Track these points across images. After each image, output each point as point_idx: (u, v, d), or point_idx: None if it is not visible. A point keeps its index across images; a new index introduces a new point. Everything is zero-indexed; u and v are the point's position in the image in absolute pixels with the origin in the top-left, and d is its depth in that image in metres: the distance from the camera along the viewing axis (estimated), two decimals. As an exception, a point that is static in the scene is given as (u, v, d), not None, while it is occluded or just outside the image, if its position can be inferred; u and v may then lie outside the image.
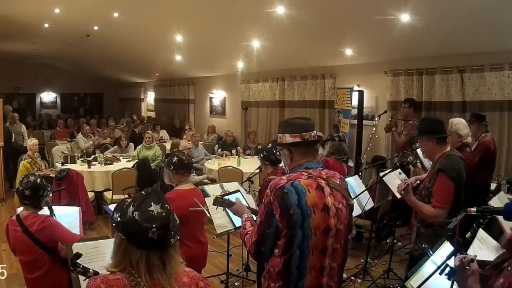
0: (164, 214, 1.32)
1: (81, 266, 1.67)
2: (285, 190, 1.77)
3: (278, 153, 2.10)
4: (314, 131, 1.93)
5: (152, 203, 1.33)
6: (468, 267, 1.34)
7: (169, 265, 1.33)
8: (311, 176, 1.84)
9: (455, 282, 1.37)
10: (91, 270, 1.67)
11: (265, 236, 1.82)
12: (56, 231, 2.56)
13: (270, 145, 3.58)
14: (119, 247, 1.33)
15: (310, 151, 1.93)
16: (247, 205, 2.50)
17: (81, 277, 1.79)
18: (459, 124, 3.47)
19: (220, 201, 2.22)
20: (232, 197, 2.35)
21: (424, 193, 2.73)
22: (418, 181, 3.03)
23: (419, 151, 3.56)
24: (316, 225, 1.78)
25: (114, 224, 1.37)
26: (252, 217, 2.14)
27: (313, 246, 1.79)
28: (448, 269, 1.33)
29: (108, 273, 1.34)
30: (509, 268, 1.37)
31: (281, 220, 1.77)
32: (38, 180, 2.65)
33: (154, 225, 1.28)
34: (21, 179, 2.73)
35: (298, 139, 1.88)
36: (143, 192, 1.40)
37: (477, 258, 1.54)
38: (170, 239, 1.33)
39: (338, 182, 1.90)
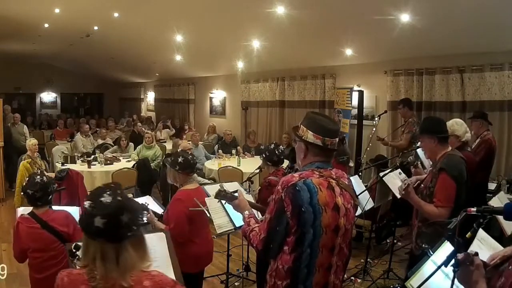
0: (113, 204, 1.29)
1: (78, 256, 1.71)
2: (297, 188, 1.76)
3: (294, 141, 2.06)
4: (336, 139, 1.89)
5: (104, 194, 1.32)
6: (470, 263, 1.33)
7: (123, 259, 1.30)
8: (322, 176, 1.83)
9: (455, 281, 1.37)
10: None
11: (274, 233, 1.81)
12: (77, 228, 2.60)
13: (272, 146, 3.58)
14: (83, 241, 1.37)
15: (326, 155, 1.90)
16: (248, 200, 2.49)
17: None
18: (453, 125, 3.46)
19: (223, 194, 2.20)
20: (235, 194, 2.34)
21: (425, 192, 2.73)
22: (418, 181, 3.03)
23: (419, 151, 3.57)
24: (327, 224, 1.78)
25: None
26: (255, 214, 2.13)
27: (323, 244, 1.80)
28: (453, 260, 1.33)
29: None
30: (510, 267, 1.36)
31: (292, 218, 1.76)
32: (44, 178, 2.71)
33: (99, 214, 1.27)
34: (25, 182, 2.72)
35: (319, 142, 1.85)
36: (101, 185, 1.42)
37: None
38: (122, 232, 1.30)
39: (346, 183, 1.92)
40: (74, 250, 1.73)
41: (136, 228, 1.34)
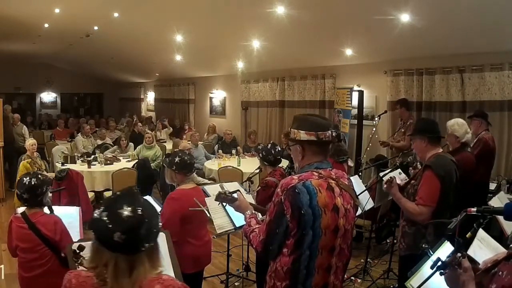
0: (133, 218, 1.26)
1: (83, 258, 1.66)
2: (296, 190, 1.75)
3: (288, 148, 2.07)
4: (329, 131, 1.88)
5: (124, 205, 1.27)
6: (457, 266, 1.32)
7: (136, 271, 1.27)
8: (321, 176, 1.83)
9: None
10: None
11: (274, 235, 1.81)
12: (64, 236, 2.58)
13: (269, 145, 3.57)
14: (93, 245, 1.32)
15: (323, 151, 1.90)
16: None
17: None
18: (454, 125, 3.48)
19: (223, 197, 2.21)
20: (234, 195, 2.34)
21: (410, 191, 2.72)
22: (407, 179, 3.04)
23: (419, 151, 3.57)
24: (326, 225, 1.78)
25: (89, 222, 1.33)
26: (256, 214, 2.13)
27: (322, 246, 1.79)
28: (439, 263, 1.32)
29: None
30: (500, 272, 1.35)
31: (291, 220, 1.75)
32: (33, 180, 2.59)
33: (119, 229, 1.23)
34: (17, 182, 2.72)
35: (313, 137, 1.85)
36: (117, 192, 1.35)
37: (476, 258, 1.53)
38: (140, 245, 1.27)
39: (346, 183, 1.91)
40: (78, 251, 1.67)
41: (154, 238, 1.31)
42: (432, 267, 1.34)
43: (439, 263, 1.32)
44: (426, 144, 2.71)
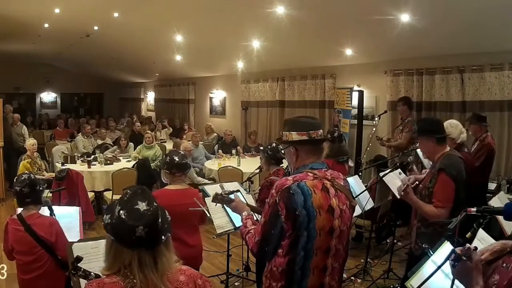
0: (151, 211, 1.29)
1: (82, 269, 1.64)
2: (291, 191, 1.75)
3: (282, 151, 2.09)
4: (321, 130, 1.92)
5: (138, 201, 1.30)
6: (468, 259, 1.31)
7: (160, 263, 1.30)
8: (316, 177, 1.83)
9: (455, 281, 1.35)
10: (92, 273, 1.64)
11: (269, 237, 1.81)
12: (60, 238, 2.58)
13: (274, 144, 3.57)
14: (110, 249, 1.31)
15: (316, 150, 1.92)
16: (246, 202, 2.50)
17: (82, 281, 1.77)
18: (447, 128, 3.45)
19: (220, 198, 2.23)
20: (231, 196, 2.35)
21: (424, 193, 2.73)
22: (417, 182, 3.04)
23: (419, 151, 3.56)
24: (321, 226, 1.78)
25: (103, 226, 1.33)
26: (253, 215, 2.13)
27: (317, 246, 1.79)
28: (453, 255, 1.31)
29: (104, 276, 1.32)
30: (504, 264, 1.34)
31: (286, 221, 1.76)
32: (32, 176, 2.69)
33: (141, 223, 1.25)
34: (14, 180, 2.72)
35: (305, 137, 1.87)
36: (128, 190, 1.37)
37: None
38: (160, 237, 1.31)
39: (342, 183, 1.90)
40: (75, 263, 1.64)
41: (168, 229, 1.35)
42: (446, 260, 1.33)
43: (453, 255, 1.31)
44: (434, 144, 2.72)
